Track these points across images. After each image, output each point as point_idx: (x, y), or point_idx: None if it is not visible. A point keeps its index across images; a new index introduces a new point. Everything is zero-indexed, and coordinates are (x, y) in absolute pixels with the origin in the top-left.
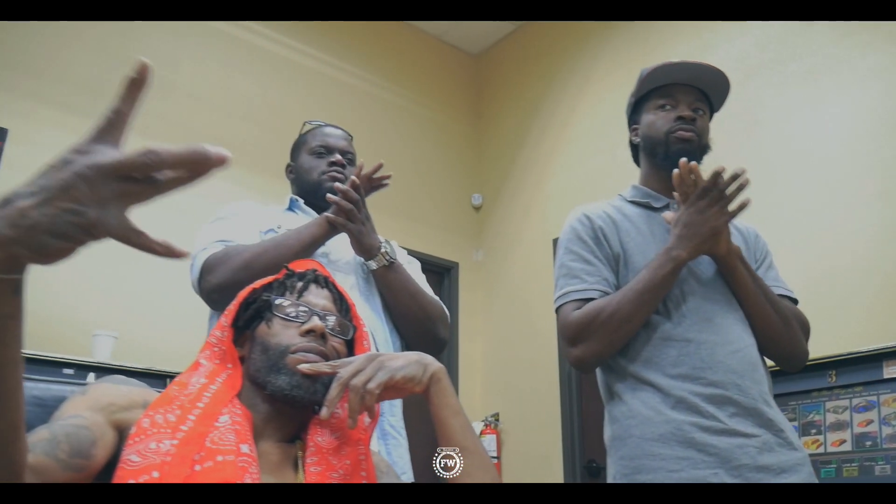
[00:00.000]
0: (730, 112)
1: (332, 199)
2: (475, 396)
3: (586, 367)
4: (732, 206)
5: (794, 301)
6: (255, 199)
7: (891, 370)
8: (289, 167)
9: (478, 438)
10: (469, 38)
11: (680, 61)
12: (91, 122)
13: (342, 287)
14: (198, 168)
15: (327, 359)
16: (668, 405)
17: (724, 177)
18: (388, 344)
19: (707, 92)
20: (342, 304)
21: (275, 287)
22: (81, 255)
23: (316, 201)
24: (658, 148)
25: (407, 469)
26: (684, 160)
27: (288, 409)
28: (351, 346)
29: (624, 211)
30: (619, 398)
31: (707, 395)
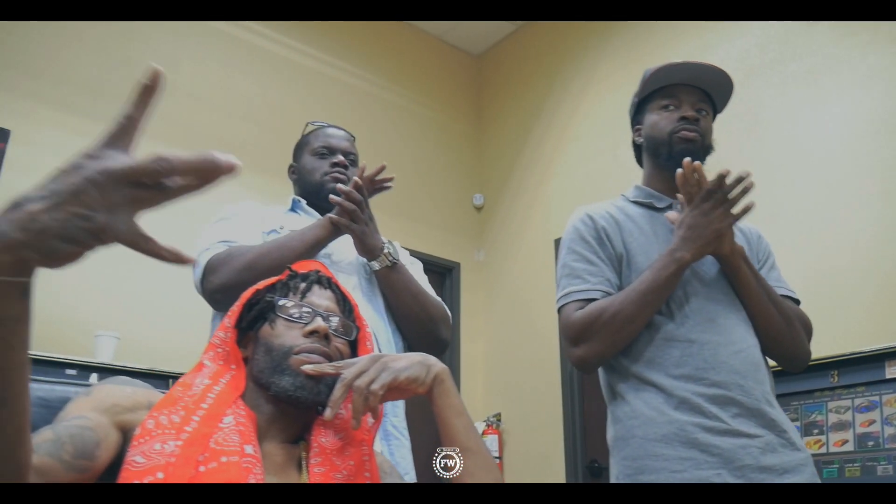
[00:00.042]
0: (730, 112)
1: (335, 200)
2: (477, 397)
3: (588, 368)
4: (737, 209)
5: (797, 301)
6: (256, 199)
7: (893, 370)
8: (291, 168)
9: (481, 439)
10: (470, 39)
11: (683, 62)
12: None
13: (345, 288)
14: (207, 175)
15: (331, 360)
16: (671, 406)
17: (728, 179)
18: (391, 345)
19: (710, 93)
20: (345, 305)
21: (278, 288)
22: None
23: (318, 202)
24: (661, 148)
25: (410, 469)
26: (688, 160)
27: (292, 409)
28: (354, 347)
29: (627, 211)
30: (621, 398)
31: (710, 396)
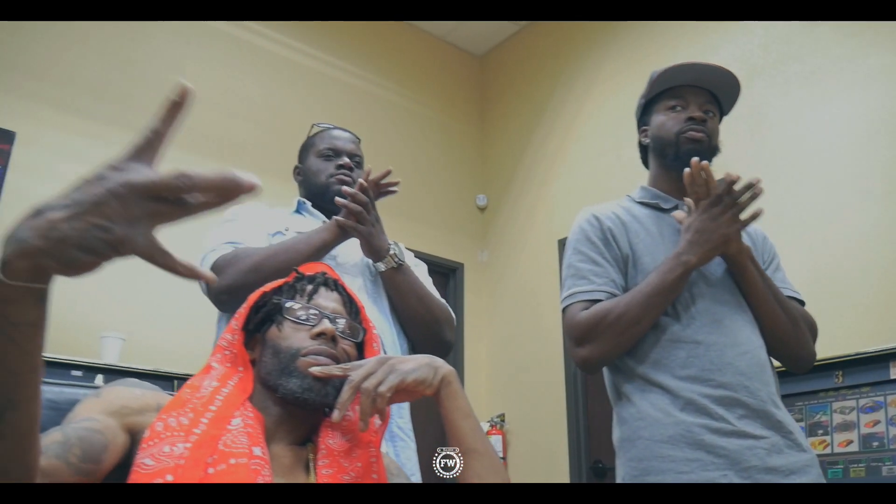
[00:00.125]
0: (734, 113)
1: (341, 203)
2: (481, 397)
3: (592, 368)
4: (745, 215)
5: (802, 303)
6: (260, 200)
7: None
8: (296, 169)
9: (488, 441)
10: (473, 39)
11: (691, 62)
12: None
13: (351, 289)
14: (228, 193)
15: (338, 362)
16: (677, 407)
17: (738, 185)
18: (396, 346)
19: (717, 94)
20: (352, 307)
21: (285, 290)
22: None
23: (323, 204)
24: (668, 148)
25: (416, 471)
26: (696, 159)
27: (299, 411)
28: (361, 349)
29: (633, 212)
30: (627, 399)
31: (716, 397)
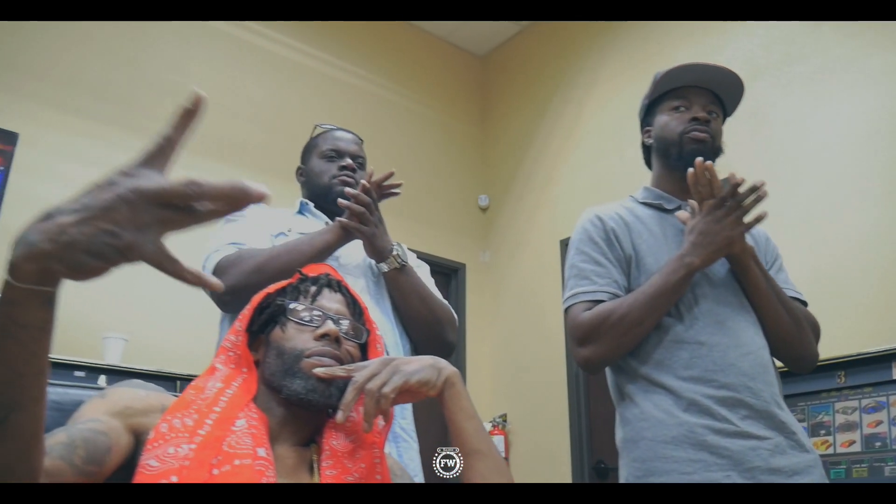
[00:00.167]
0: (735, 113)
1: (343, 205)
2: (483, 397)
3: (594, 368)
4: (749, 218)
5: (804, 303)
6: None
7: None
8: (299, 170)
9: (492, 442)
10: (475, 40)
11: (695, 63)
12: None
13: (354, 291)
14: (237, 202)
15: (342, 363)
16: (680, 407)
17: (742, 188)
18: (398, 347)
19: (721, 95)
20: (355, 308)
21: (289, 291)
22: None
23: (326, 205)
24: (672, 149)
25: (418, 472)
26: (700, 159)
27: (303, 412)
28: (364, 350)
29: (636, 212)
30: (630, 400)
31: (719, 398)
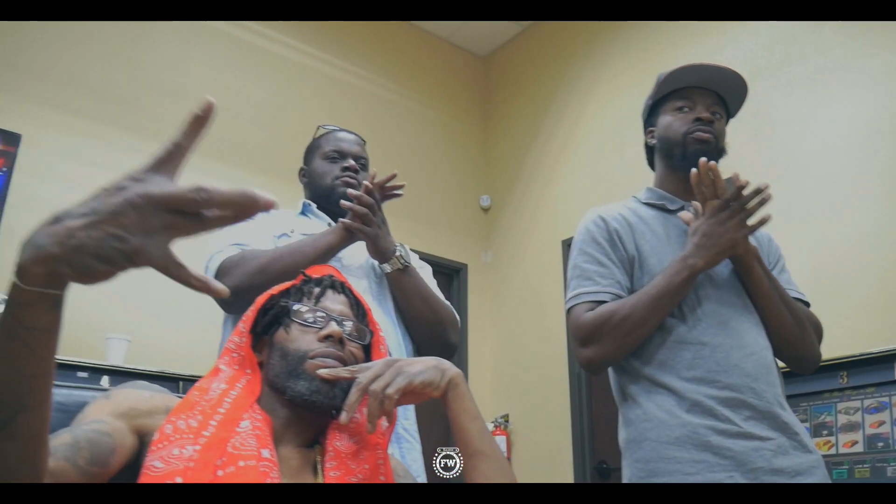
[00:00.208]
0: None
1: (346, 206)
2: (485, 398)
3: (596, 369)
4: (753, 221)
5: (807, 304)
6: None
7: None
8: (302, 171)
9: (496, 443)
10: (477, 40)
11: (699, 64)
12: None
13: (358, 292)
14: (245, 210)
15: (345, 364)
16: (683, 408)
17: (747, 190)
18: (401, 348)
19: (724, 96)
20: (359, 310)
21: (292, 293)
22: None
23: (329, 206)
24: (675, 149)
25: (421, 472)
26: (704, 160)
27: (307, 413)
28: (368, 351)
29: (639, 213)
30: (633, 401)
31: (722, 399)
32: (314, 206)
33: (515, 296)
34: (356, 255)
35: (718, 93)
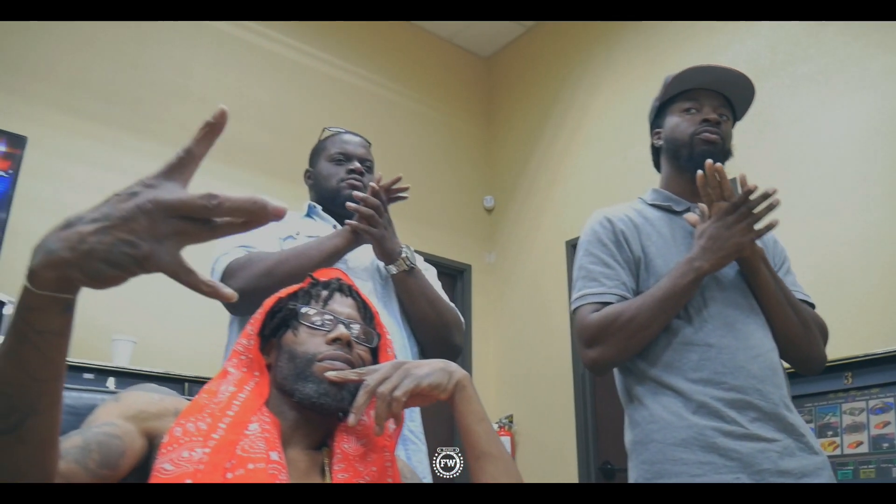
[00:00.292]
0: None
1: (352, 208)
2: (489, 398)
3: (601, 370)
4: (760, 225)
5: (812, 306)
6: None
7: None
8: (307, 173)
9: (503, 445)
10: (480, 41)
11: (707, 65)
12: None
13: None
14: (255, 217)
15: (353, 366)
16: (689, 410)
17: (755, 195)
18: (406, 350)
19: (731, 99)
20: (366, 313)
21: (300, 296)
22: None
23: (334, 208)
24: (682, 150)
25: (427, 474)
26: (710, 161)
27: (315, 416)
28: (375, 354)
29: (645, 214)
30: (639, 402)
31: (728, 400)
32: (319, 208)
33: (519, 297)
34: (361, 258)
35: (726, 95)
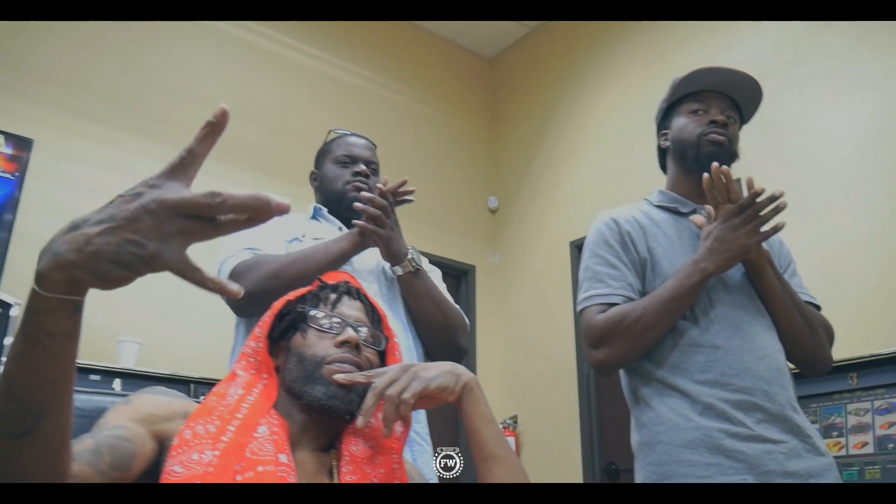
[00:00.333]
0: None
1: (360, 208)
2: (493, 399)
3: (607, 371)
4: (766, 228)
5: (818, 307)
6: None
7: None
8: (313, 175)
9: (510, 447)
10: (484, 42)
11: (715, 67)
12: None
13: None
14: (259, 215)
15: (361, 369)
16: (696, 411)
17: (761, 197)
18: (411, 351)
19: (739, 101)
20: (374, 316)
21: (309, 299)
22: None
23: (340, 210)
24: (689, 151)
25: (433, 476)
26: (716, 164)
27: (323, 418)
28: (383, 357)
29: (651, 215)
30: (645, 403)
31: (735, 402)
32: (325, 210)
33: (523, 297)
34: (367, 260)
35: (733, 97)
